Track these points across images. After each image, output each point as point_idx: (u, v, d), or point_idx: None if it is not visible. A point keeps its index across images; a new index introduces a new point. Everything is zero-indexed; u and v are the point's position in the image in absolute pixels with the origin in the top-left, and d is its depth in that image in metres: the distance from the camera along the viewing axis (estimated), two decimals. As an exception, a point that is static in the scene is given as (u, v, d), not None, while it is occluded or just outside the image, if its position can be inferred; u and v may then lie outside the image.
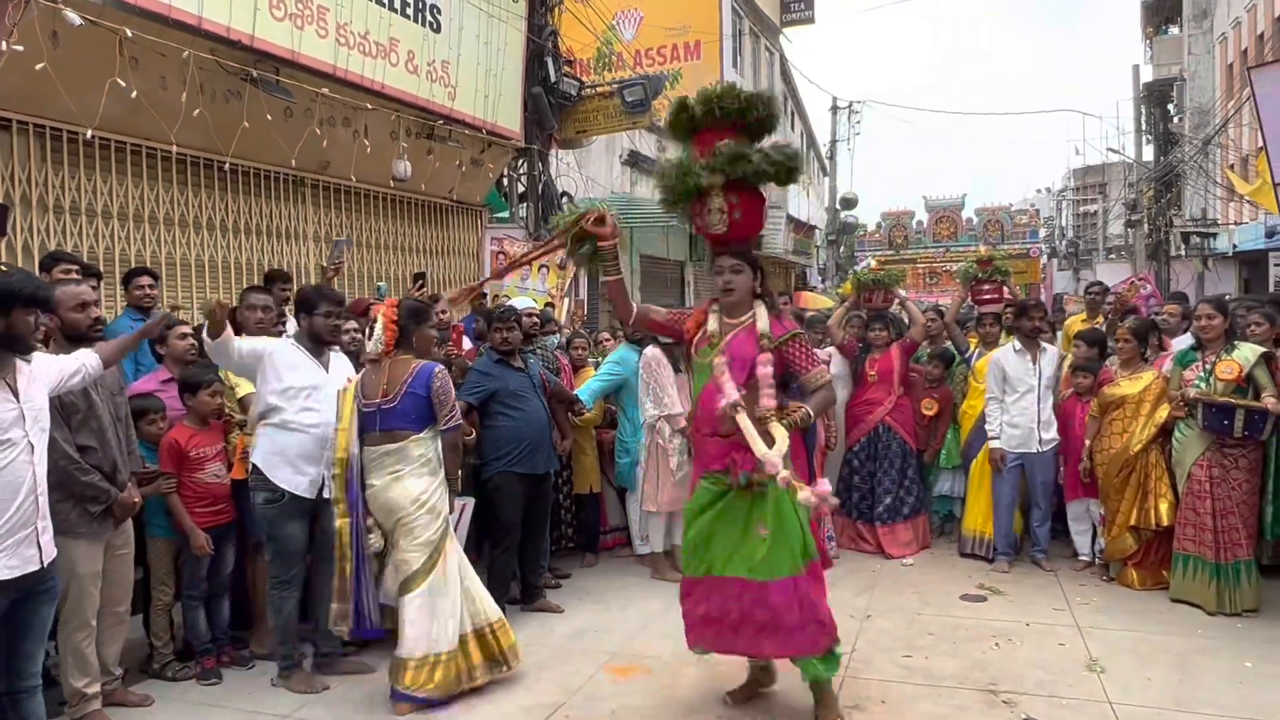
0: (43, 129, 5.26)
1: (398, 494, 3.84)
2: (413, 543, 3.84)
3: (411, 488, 3.84)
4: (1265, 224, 15.71)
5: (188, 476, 4.07)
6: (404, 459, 3.86)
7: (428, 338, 4.23)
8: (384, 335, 3.94)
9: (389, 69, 7.24)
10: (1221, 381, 4.85)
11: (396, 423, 3.87)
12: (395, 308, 4.02)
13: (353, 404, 3.92)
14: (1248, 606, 4.83)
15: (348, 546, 3.87)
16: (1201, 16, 27.92)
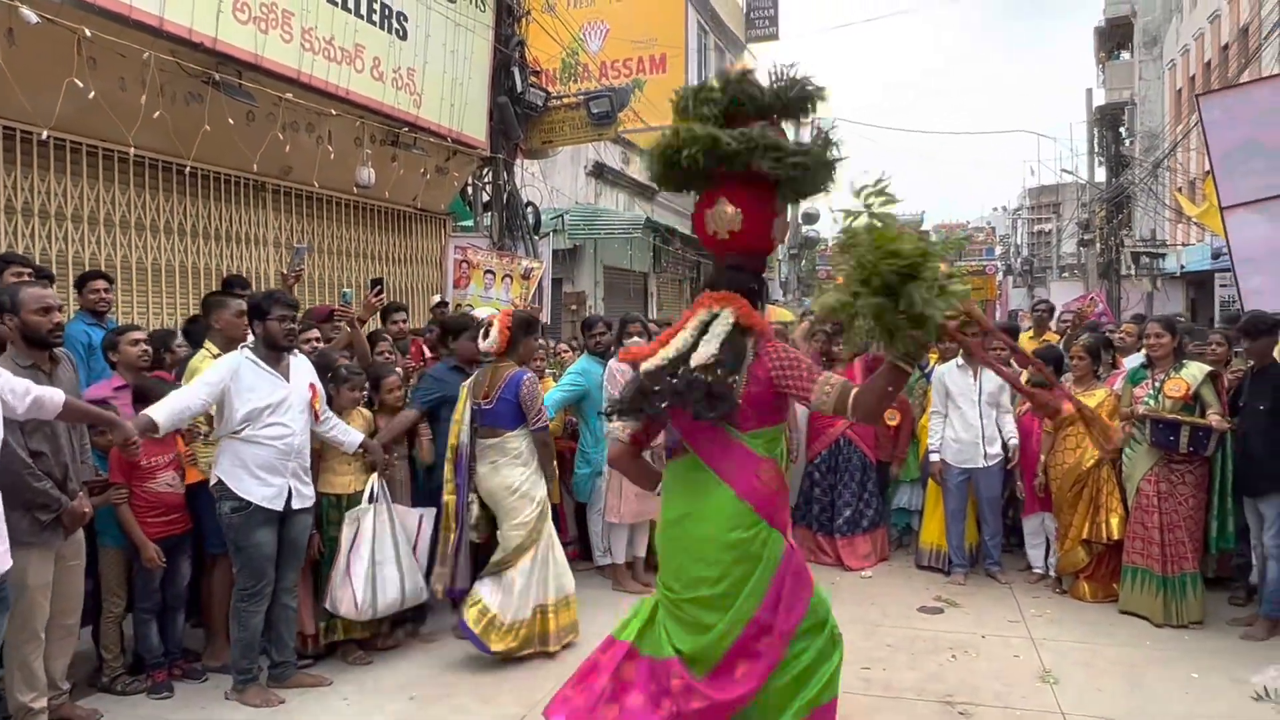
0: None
1: (497, 483, 4.44)
2: (512, 525, 4.43)
3: (508, 478, 4.43)
4: (1212, 246, 16.18)
5: (139, 486, 3.97)
6: (501, 452, 4.45)
7: (531, 347, 4.75)
8: (498, 339, 4.42)
9: (354, 75, 7.19)
10: (1170, 399, 4.98)
11: (493, 421, 4.46)
12: (510, 317, 4.51)
13: (466, 402, 4.51)
14: (1193, 619, 4.96)
15: (453, 519, 4.49)
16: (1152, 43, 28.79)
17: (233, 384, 3.84)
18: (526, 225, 10.04)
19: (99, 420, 3.45)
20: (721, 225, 2.88)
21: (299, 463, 4.02)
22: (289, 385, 4.00)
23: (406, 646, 4.70)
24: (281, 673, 4.11)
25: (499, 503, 4.47)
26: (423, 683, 4.26)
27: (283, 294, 4.20)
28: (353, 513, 4.38)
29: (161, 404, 3.66)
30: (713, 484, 2.78)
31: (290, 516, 3.99)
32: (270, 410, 3.89)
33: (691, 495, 2.82)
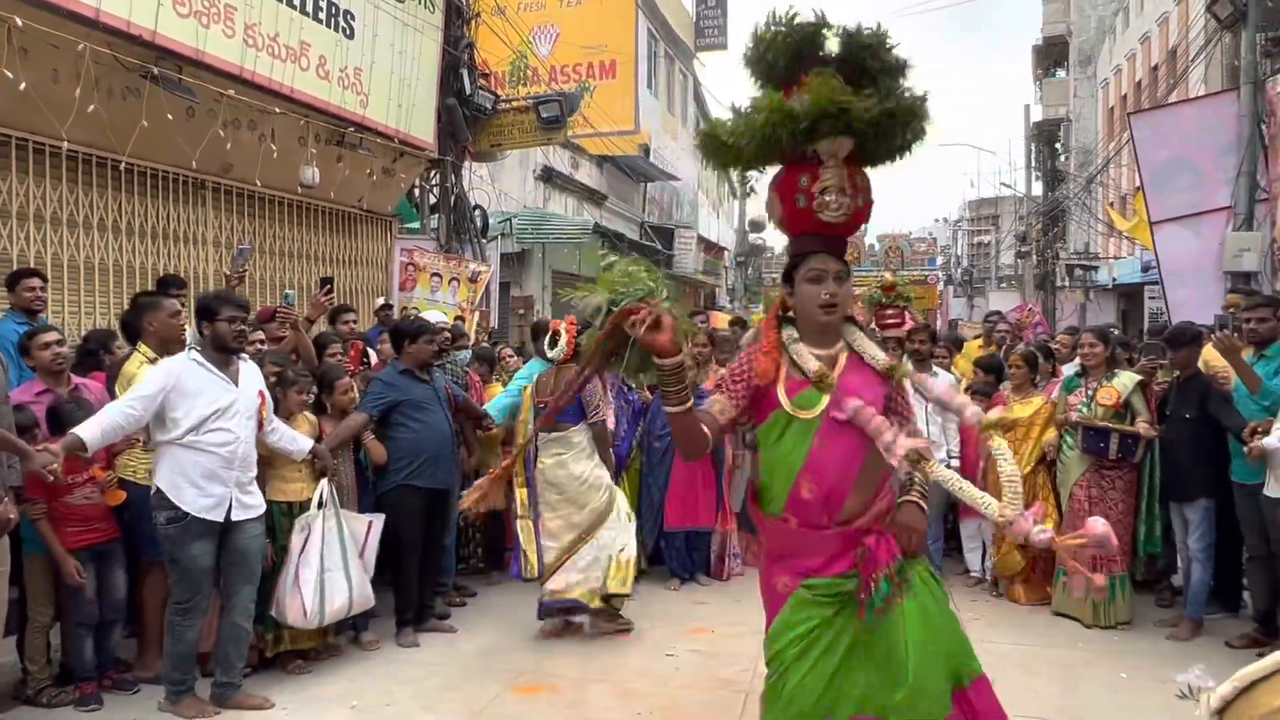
0: (-81, 118, 4.95)
1: (564, 475, 4.81)
2: (581, 510, 4.81)
3: (574, 469, 4.81)
4: (1142, 259, 16.76)
5: (56, 499, 3.78)
6: (565, 445, 4.82)
7: None
8: (566, 347, 4.81)
9: (299, 73, 7.06)
10: (1102, 407, 5.15)
11: (558, 417, 4.75)
12: (575, 325, 4.81)
13: (530, 400, 4.98)
14: (1121, 619, 5.12)
15: (528, 509, 4.94)
16: (1086, 62, 29.73)
17: (176, 389, 3.67)
18: (474, 228, 9.98)
19: (11, 450, 3.32)
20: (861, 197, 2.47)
21: (243, 472, 3.86)
22: (237, 390, 3.85)
23: (348, 654, 4.62)
24: (223, 693, 3.94)
25: (566, 492, 4.84)
26: (364, 691, 4.19)
27: (232, 295, 4.09)
28: (302, 519, 4.28)
29: (92, 422, 3.50)
30: None
31: (233, 528, 3.82)
32: (217, 415, 3.74)
33: None
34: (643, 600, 5.59)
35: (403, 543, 4.79)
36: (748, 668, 4.45)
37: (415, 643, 4.78)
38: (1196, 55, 12.93)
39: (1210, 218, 8.94)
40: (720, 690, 4.22)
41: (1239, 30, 9.18)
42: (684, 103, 22.80)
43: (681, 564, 5.97)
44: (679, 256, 19.34)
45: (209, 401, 3.73)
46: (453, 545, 5.38)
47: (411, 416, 4.80)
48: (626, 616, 5.02)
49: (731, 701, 4.09)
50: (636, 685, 4.27)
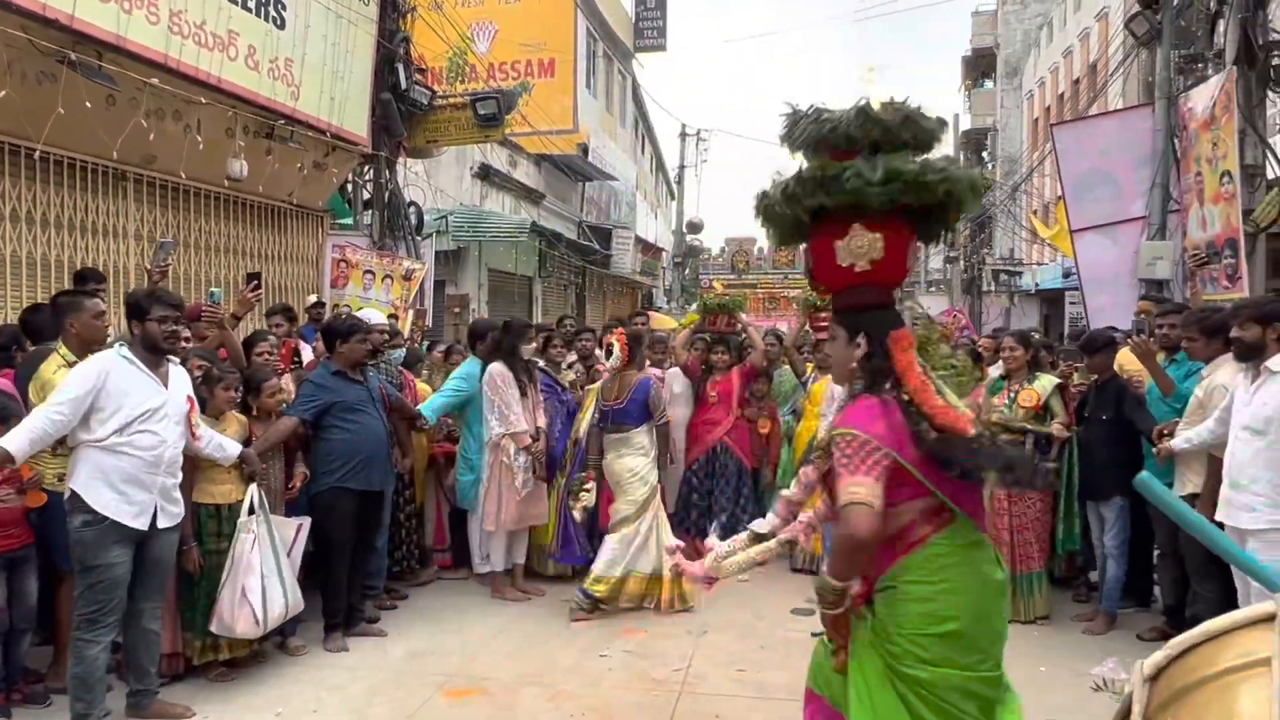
0: None
1: (620, 467, 5.34)
2: (625, 499, 5.34)
3: (629, 464, 5.34)
4: (1063, 266, 17.34)
5: None
6: (627, 445, 5.36)
7: (644, 356, 5.72)
8: (621, 355, 5.34)
9: (227, 63, 6.86)
10: (1022, 409, 5.32)
11: (621, 419, 5.35)
12: (624, 335, 5.42)
13: (594, 402, 5.56)
14: (1040, 614, 5.29)
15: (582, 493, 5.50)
16: (1012, 74, 30.65)
17: (105, 388, 3.48)
18: (409, 225, 9.82)
19: None
20: (861, 255, 2.49)
21: (169, 477, 3.70)
22: (167, 392, 3.68)
23: (274, 660, 4.52)
24: (140, 703, 3.79)
25: (619, 482, 5.37)
26: (290, 698, 4.10)
27: (165, 293, 3.93)
28: (242, 525, 4.15)
29: (19, 431, 3.33)
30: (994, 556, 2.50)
31: (153, 536, 3.66)
32: (145, 417, 3.56)
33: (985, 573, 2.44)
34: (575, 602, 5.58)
35: (333, 546, 4.70)
36: (680, 667, 4.49)
37: (344, 647, 4.70)
38: (1115, 70, 13.44)
39: (1127, 227, 9.30)
40: (653, 691, 4.24)
41: (1154, 48, 9.57)
42: (623, 103, 22.84)
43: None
44: (617, 257, 19.36)
45: (138, 402, 3.56)
46: (384, 547, 5.30)
47: (344, 418, 4.71)
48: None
49: (664, 702, 4.12)
50: (569, 686, 4.26)
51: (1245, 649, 1.45)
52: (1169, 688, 1.55)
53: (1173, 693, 1.53)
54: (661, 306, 24.36)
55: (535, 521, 5.69)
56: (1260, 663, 1.40)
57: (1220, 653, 1.48)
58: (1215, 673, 1.47)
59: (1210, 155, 7.97)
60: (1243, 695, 1.40)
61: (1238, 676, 1.43)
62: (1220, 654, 1.48)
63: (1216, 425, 4.10)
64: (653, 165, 29.12)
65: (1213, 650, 1.50)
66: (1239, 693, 1.40)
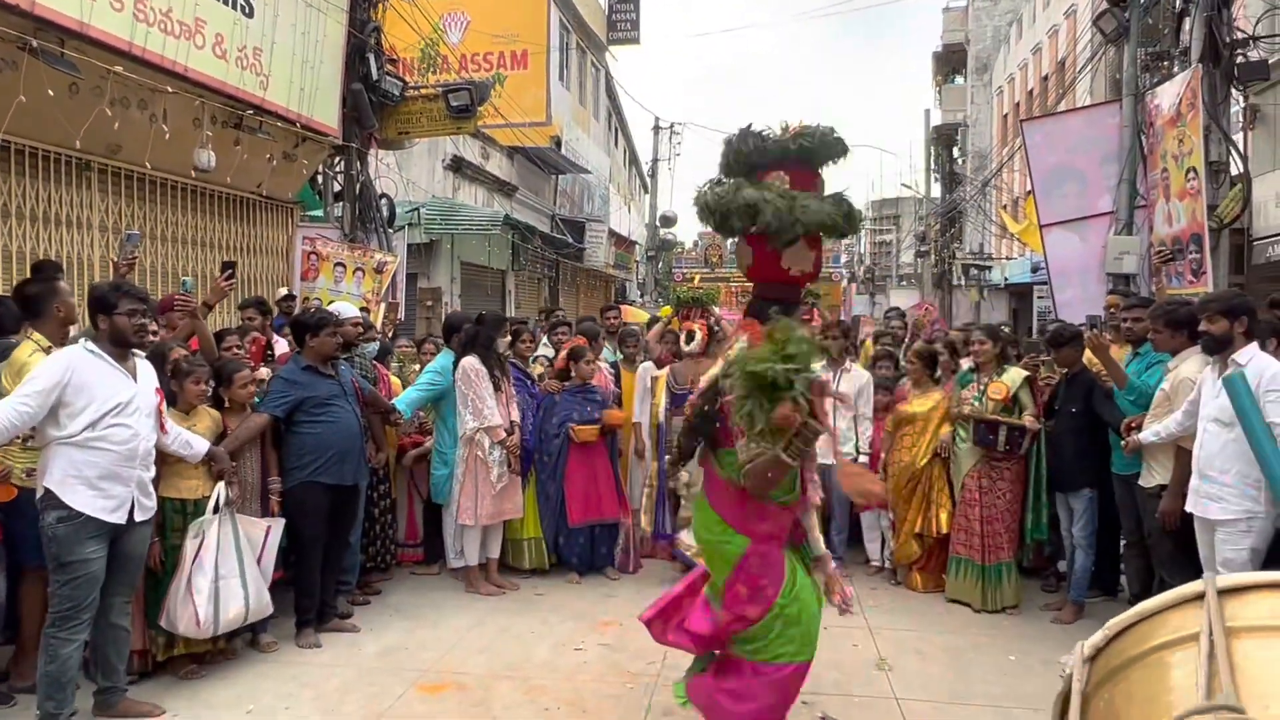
0: None
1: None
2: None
3: None
4: (1031, 260, 17.55)
5: None
6: None
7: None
8: (702, 342, 5.80)
9: (194, 51, 6.74)
10: (992, 401, 5.38)
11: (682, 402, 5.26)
12: (705, 324, 5.90)
13: (665, 387, 5.91)
14: (1009, 604, 5.36)
15: (654, 479, 5.93)
16: (983, 70, 30.93)
17: (73, 383, 3.41)
18: (380, 218, 9.72)
19: None
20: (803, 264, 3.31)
21: (144, 470, 3.64)
22: (136, 385, 3.62)
23: (244, 657, 4.46)
24: (108, 700, 3.74)
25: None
26: (261, 695, 4.06)
27: (132, 286, 3.85)
28: (196, 524, 4.08)
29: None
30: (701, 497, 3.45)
31: (127, 530, 3.60)
32: (117, 410, 3.50)
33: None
34: (549, 595, 5.58)
35: (305, 541, 4.65)
36: (655, 660, 4.49)
37: (316, 643, 4.65)
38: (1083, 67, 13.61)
39: (1094, 222, 9.42)
40: (628, 683, 4.25)
41: (1122, 45, 9.70)
42: (596, 96, 22.76)
43: (583, 559, 5.97)
44: (590, 250, 19.32)
45: (108, 396, 3.49)
46: (358, 542, 5.25)
47: (316, 413, 4.65)
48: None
49: (639, 695, 4.13)
50: (544, 681, 4.25)
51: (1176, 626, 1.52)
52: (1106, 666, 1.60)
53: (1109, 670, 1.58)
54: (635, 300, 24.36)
55: (510, 515, 5.67)
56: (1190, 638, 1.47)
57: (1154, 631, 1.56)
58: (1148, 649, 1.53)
59: (1176, 151, 8.10)
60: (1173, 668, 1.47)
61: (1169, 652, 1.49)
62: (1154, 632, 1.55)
63: (1184, 418, 4.17)
64: (626, 159, 29.07)
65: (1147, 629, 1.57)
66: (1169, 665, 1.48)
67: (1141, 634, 1.61)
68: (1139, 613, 1.62)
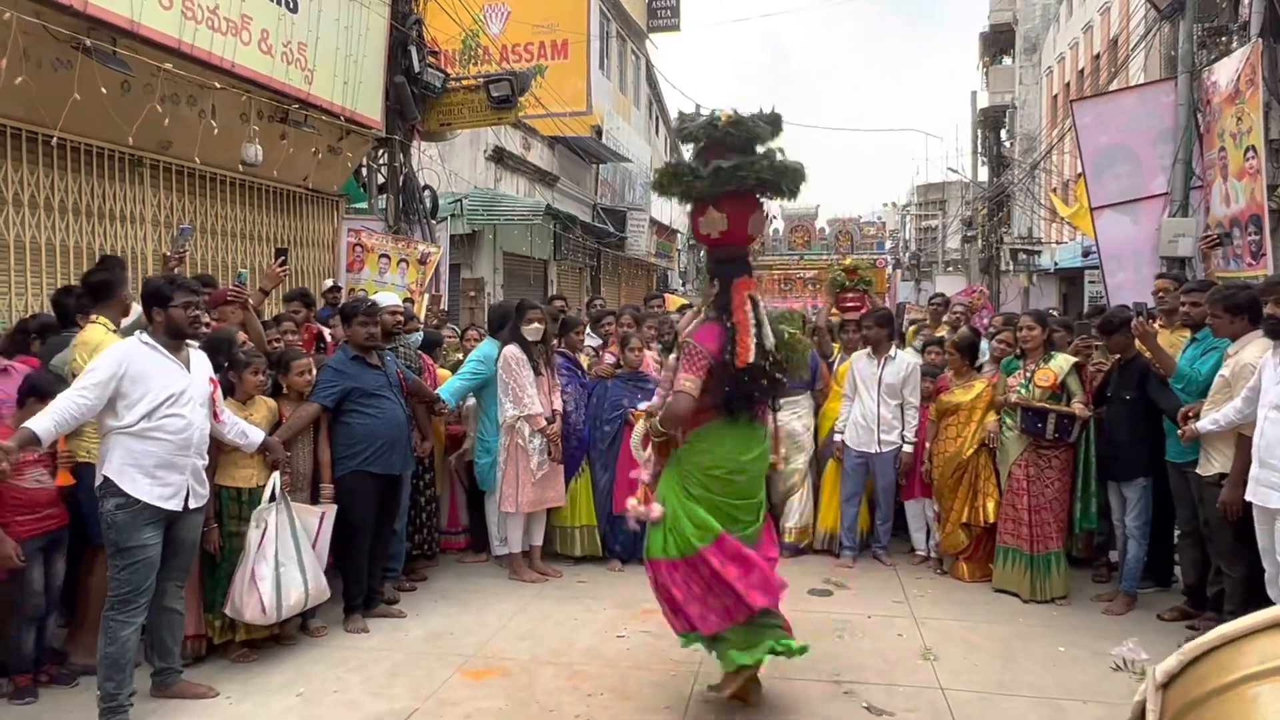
0: None
1: (797, 425, 6.12)
2: (798, 458, 6.12)
3: (796, 425, 6.11)
4: (1082, 244, 17.14)
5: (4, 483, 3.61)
6: (795, 406, 6.08)
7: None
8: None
9: (240, 47, 6.86)
10: (1039, 388, 5.27)
11: (795, 388, 5.77)
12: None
13: None
14: (1057, 594, 5.27)
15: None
16: (1031, 50, 30.21)
17: (129, 374, 3.51)
18: (423, 209, 9.82)
19: None
20: (714, 227, 3.69)
21: (199, 458, 3.73)
22: (190, 375, 3.71)
23: (295, 641, 4.56)
24: (164, 681, 3.86)
25: (796, 439, 6.08)
26: (311, 679, 4.15)
27: (184, 278, 3.95)
28: (256, 514, 4.17)
29: (45, 415, 3.35)
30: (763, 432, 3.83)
31: (181, 517, 3.70)
32: (171, 401, 3.59)
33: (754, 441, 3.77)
34: (592, 583, 5.61)
35: (353, 528, 4.73)
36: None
37: (364, 628, 4.74)
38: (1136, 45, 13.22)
39: (1148, 204, 9.16)
40: (671, 671, 4.26)
41: (1177, 21, 9.40)
42: (636, 84, 22.70)
43: (627, 547, 5.97)
44: (631, 239, 19.31)
45: (163, 387, 3.58)
46: (403, 530, 5.33)
47: (364, 403, 4.73)
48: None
49: (681, 682, 4.13)
50: (587, 667, 4.28)
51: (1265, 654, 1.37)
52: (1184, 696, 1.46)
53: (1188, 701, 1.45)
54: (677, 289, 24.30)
55: (553, 503, 5.70)
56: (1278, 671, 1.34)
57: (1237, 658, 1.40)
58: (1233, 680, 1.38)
59: (1235, 130, 7.84)
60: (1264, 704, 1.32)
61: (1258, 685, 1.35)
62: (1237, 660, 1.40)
63: (1244, 405, 4.05)
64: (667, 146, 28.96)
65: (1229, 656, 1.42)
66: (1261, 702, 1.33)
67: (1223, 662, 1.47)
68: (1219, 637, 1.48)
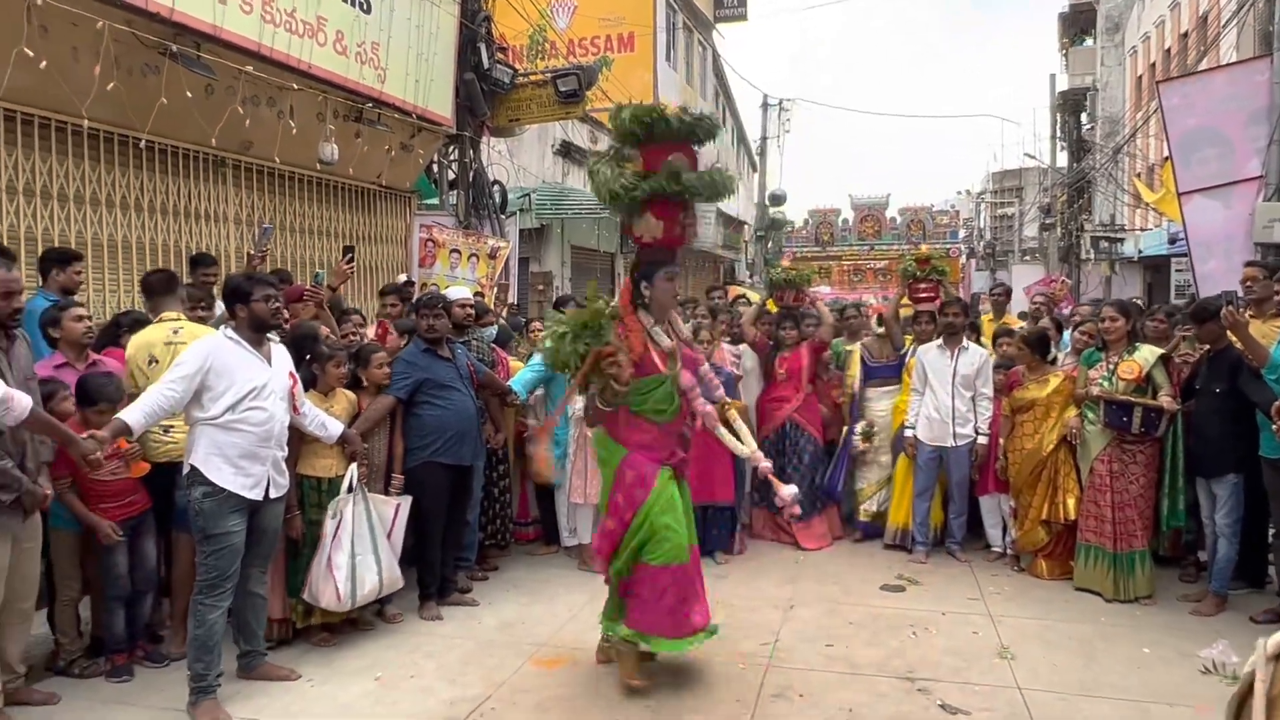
0: (-58, 98, 4.99)
1: (885, 405, 6.39)
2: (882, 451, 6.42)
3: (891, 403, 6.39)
4: (1168, 231, 16.49)
5: (86, 475, 3.76)
6: (888, 394, 6.40)
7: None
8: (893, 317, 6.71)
9: (316, 49, 7.05)
10: (1123, 381, 5.09)
11: (886, 375, 6.45)
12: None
13: (859, 360, 6.60)
14: (1142, 594, 5.09)
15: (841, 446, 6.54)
16: (1114, 30, 29.10)
17: (214, 368, 3.65)
18: (493, 204, 9.96)
19: (59, 436, 3.37)
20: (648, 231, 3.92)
21: (279, 449, 3.87)
22: (271, 369, 3.85)
23: (372, 627, 4.68)
24: (249, 663, 4.02)
25: (889, 424, 6.35)
26: (387, 664, 4.26)
27: (262, 274, 4.11)
28: (333, 505, 4.30)
29: (136, 406, 3.52)
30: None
31: (264, 506, 3.84)
32: (253, 395, 3.72)
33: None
34: (662, 574, 5.61)
35: (427, 518, 4.83)
36: (767, 641, 4.48)
37: (438, 616, 4.84)
38: (1228, 21, 12.62)
39: (1240, 188, 8.74)
40: (740, 664, 4.25)
41: (1272, -5, 8.94)
42: (703, 75, 22.60)
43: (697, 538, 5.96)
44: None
45: (246, 380, 3.72)
46: (476, 520, 5.42)
47: (436, 395, 4.81)
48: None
49: (752, 674, 4.12)
50: (657, 658, 4.29)
51: None
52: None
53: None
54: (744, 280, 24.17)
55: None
56: None
57: None
58: None
59: (1335, 108, 7.42)
60: None
61: None
62: None
63: (1343, 397, 3.84)
64: (734, 137, 28.78)
65: None
66: None
67: None
68: None
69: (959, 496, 5.98)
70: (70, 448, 3.34)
